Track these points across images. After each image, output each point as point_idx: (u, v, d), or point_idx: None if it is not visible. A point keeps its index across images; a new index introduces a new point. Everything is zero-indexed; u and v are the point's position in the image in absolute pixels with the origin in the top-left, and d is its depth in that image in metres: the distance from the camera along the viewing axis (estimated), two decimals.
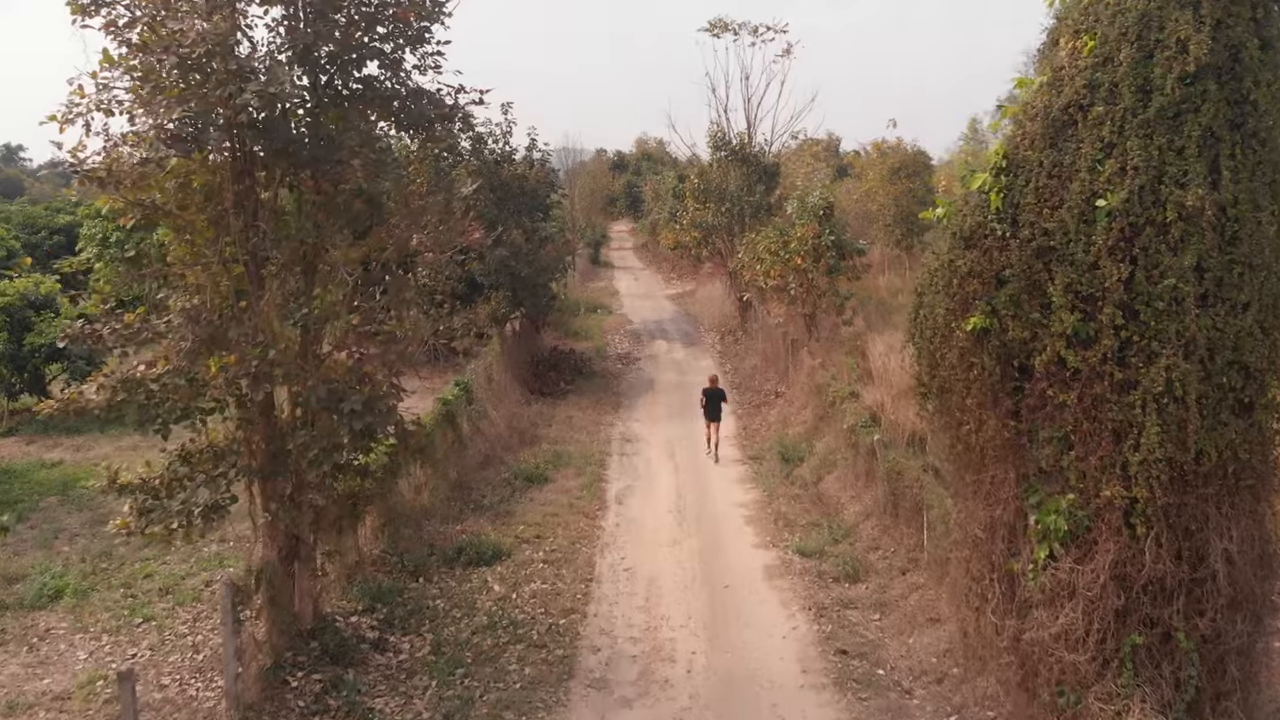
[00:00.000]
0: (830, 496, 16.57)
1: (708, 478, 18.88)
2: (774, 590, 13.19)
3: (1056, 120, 7.64)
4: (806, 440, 19.65)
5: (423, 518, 15.41)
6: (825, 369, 21.41)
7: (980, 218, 7.78)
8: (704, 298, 44.09)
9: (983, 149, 67.82)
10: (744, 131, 35.49)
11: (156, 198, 10.09)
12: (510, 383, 24.75)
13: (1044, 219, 7.54)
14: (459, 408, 19.05)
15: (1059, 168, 7.57)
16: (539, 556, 14.38)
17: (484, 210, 26.10)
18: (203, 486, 10.19)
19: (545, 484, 18.16)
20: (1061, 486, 7.73)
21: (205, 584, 13.16)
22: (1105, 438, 7.48)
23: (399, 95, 10.70)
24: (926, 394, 8.50)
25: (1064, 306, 7.45)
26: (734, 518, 16.34)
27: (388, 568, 13.57)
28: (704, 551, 14.76)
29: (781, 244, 23.88)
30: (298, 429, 10.28)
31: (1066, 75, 7.68)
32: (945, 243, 7.98)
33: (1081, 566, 7.61)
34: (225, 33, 9.31)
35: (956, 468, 8.55)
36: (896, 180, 51.98)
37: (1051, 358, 7.57)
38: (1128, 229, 7.31)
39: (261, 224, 10.19)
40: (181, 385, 9.94)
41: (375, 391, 10.33)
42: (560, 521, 15.91)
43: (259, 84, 8.97)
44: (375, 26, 10.56)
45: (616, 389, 27.91)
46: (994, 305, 7.70)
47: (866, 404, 17.69)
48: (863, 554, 14.05)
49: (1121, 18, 7.47)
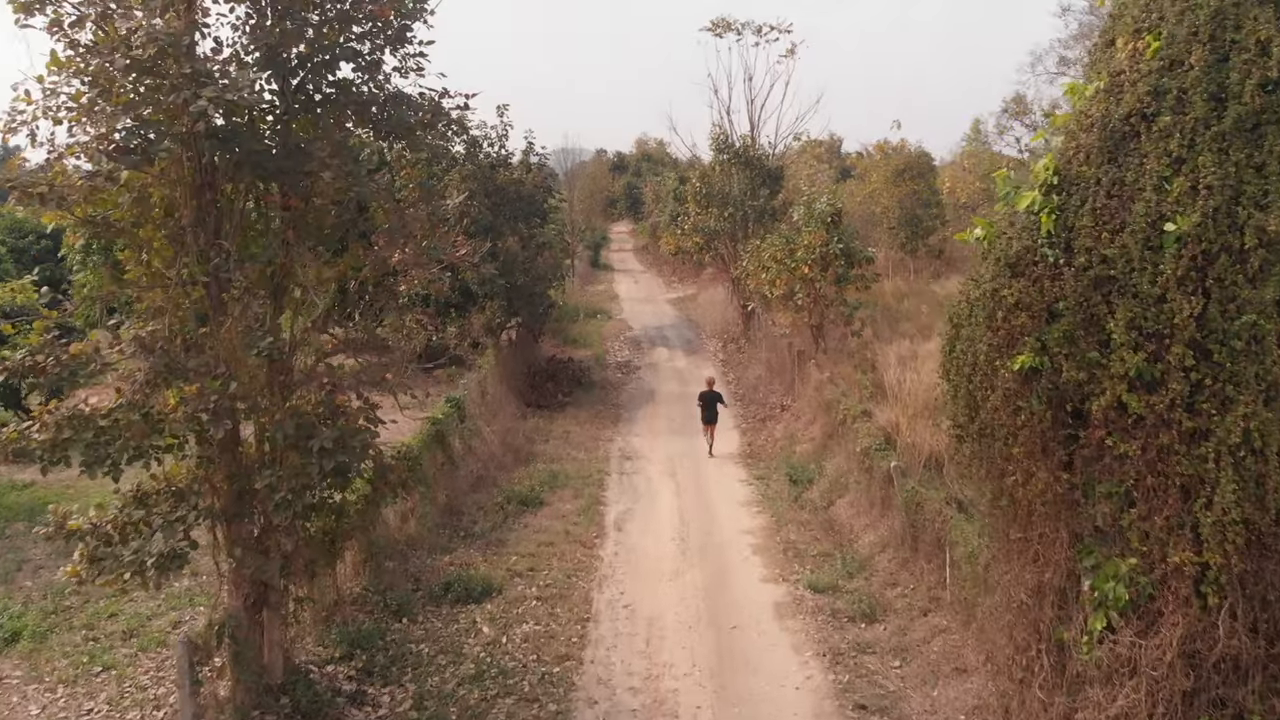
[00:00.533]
0: (842, 523, 15.64)
1: (712, 500, 17.95)
2: (785, 632, 12.25)
3: (1116, 131, 6.70)
4: (815, 460, 18.71)
5: (409, 549, 14.47)
6: (834, 383, 20.47)
7: (1029, 242, 6.84)
8: (706, 302, 43.17)
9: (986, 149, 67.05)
10: (747, 134, 34.58)
11: (109, 214, 9.17)
12: (505, 395, 23.83)
13: (1103, 244, 6.60)
14: (450, 426, 18.12)
15: (1120, 186, 6.63)
16: (532, 593, 13.43)
17: (478, 216, 25.15)
18: (159, 531, 9.24)
19: (540, 508, 17.22)
20: (1121, 549, 6.80)
21: (173, 625, 12.23)
22: (1172, 494, 6.54)
23: (377, 100, 9.76)
24: (963, 438, 7.55)
25: (1126, 344, 6.51)
26: (740, 546, 15.40)
27: (369, 607, 12.63)
28: (709, 585, 13.82)
29: (787, 252, 22.93)
30: (264, 468, 9.34)
31: (1127, 80, 6.74)
32: (987, 269, 7.04)
33: (1145, 641, 6.68)
34: (179, 32, 8.37)
35: (999, 523, 7.61)
36: (901, 182, 51.14)
37: (1111, 403, 6.63)
38: (1200, 257, 6.38)
39: (225, 242, 9.25)
40: (135, 421, 8.99)
41: (349, 425, 9.39)
42: (555, 551, 14.97)
43: (216, 89, 8.02)
44: (351, 25, 9.62)
45: (616, 400, 26.99)
46: (1045, 342, 6.76)
47: (880, 423, 16.74)
48: (879, 591, 13.11)
49: (1191, 15, 6.54)
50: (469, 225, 24.82)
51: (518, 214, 26.80)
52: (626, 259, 71.06)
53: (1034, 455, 6.90)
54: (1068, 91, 7.15)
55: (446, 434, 17.72)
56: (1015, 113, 59.32)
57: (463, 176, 25.44)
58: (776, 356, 26.87)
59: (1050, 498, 6.92)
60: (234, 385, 8.83)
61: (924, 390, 16.88)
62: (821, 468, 18.06)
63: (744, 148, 32.53)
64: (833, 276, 22.54)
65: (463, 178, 25.40)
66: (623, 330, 38.90)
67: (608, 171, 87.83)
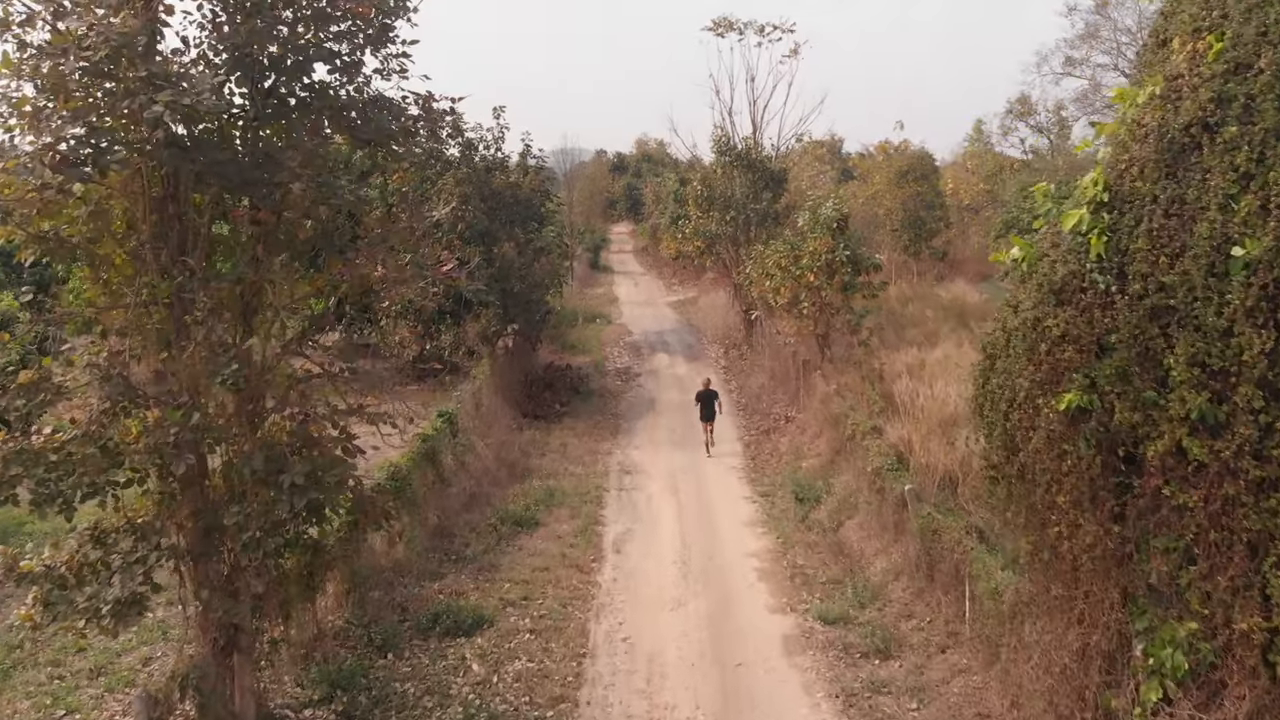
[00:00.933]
0: (852, 547, 14.90)
1: (715, 518, 17.20)
2: (794, 669, 11.51)
3: (1175, 143, 5.96)
4: (822, 477, 17.97)
5: (396, 576, 13.73)
6: (841, 396, 19.72)
7: (1076, 266, 6.11)
8: (707, 306, 42.42)
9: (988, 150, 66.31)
10: (749, 136, 33.81)
11: (63, 229, 8.43)
12: (501, 406, 23.08)
13: (1160, 270, 5.87)
14: (442, 442, 17.39)
15: (1180, 204, 5.89)
16: (525, 624, 12.69)
17: (473, 222, 24.43)
18: (118, 573, 8.50)
19: (535, 528, 16.48)
20: (1179, 611, 6.07)
21: (143, 662, 11.50)
22: (1238, 551, 5.82)
23: (355, 104, 9.02)
24: (997, 478, 6.81)
25: (1187, 383, 5.79)
26: (745, 571, 14.66)
27: (352, 641, 11.90)
28: (713, 615, 13.08)
29: (792, 259, 22.18)
30: (231, 503, 8.60)
31: (1186, 86, 6.00)
32: (1027, 295, 6.30)
33: (1206, 714, 5.94)
34: (134, 31, 7.63)
35: (1038, 576, 6.87)
36: (904, 183, 50.41)
37: (1169, 448, 5.90)
38: (1271, 285, 5.65)
39: (189, 259, 8.52)
40: (91, 454, 8.26)
41: (324, 457, 8.65)
42: (551, 577, 14.22)
43: (173, 93, 7.29)
44: (327, 24, 8.88)
45: (615, 410, 26.23)
46: (1094, 379, 6.03)
47: (891, 440, 15.99)
48: (893, 623, 12.37)
49: (1260, 13, 5.81)
50: (464, 231, 24.12)
51: (514, 218, 26.06)
52: (626, 260, 70.30)
53: (1081, 505, 6.17)
54: (1116, 97, 6.41)
55: (438, 451, 16.99)
56: (1020, 113, 58.75)
57: (457, 180, 24.69)
58: (780, 365, 26.13)
59: (1099, 552, 6.18)
60: (197, 416, 8.10)
61: (937, 406, 16.13)
62: (829, 485, 17.32)
63: (746, 150, 31.77)
64: (839, 284, 21.79)
65: (457, 181, 24.67)
66: (622, 335, 38.15)
67: (608, 172, 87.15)
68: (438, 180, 24.81)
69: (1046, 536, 6.40)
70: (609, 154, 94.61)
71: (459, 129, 25.33)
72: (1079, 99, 45.14)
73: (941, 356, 25.95)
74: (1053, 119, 56.28)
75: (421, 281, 9.79)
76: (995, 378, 6.61)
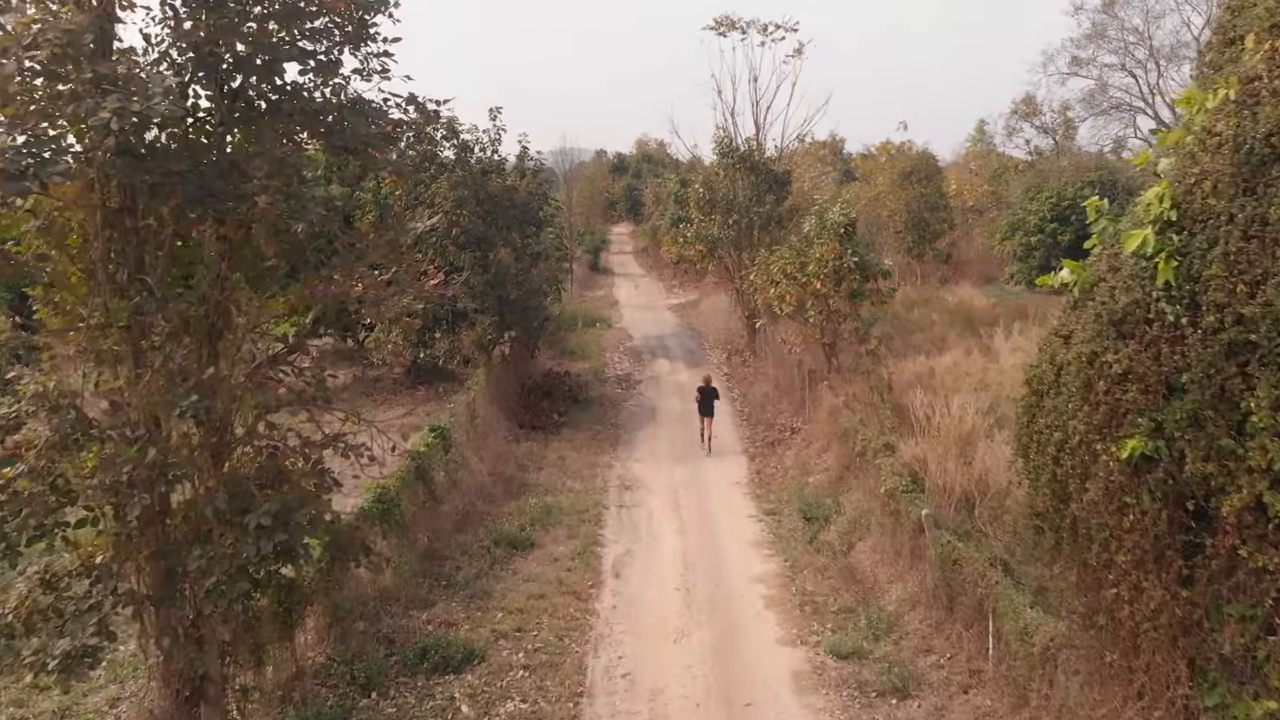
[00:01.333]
0: (864, 572, 14.15)
1: (719, 539, 16.45)
2: (806, 710, 10.77)
3: (1254, 155, 5.22)
4: (831, 494, 17.22)
5: (382, 605, 12.96)
6: (850, 409, 18.96)
7: (1140, 294, 5.36)
8: (708, 310, 41.69)
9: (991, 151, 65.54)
10: (752, 137, 33.04)
11: (8, 245, 7.71)
12: (497, 417, 22.33)
13: (1239, 300, 5.13)
14: (434, 459, 16.64)
15: (1261, 224, 5.15)
16: (519, 659, 11.94)
17: (469, 227, 23.68)
18: (70, 621, 7.77)
19: (531, 550, 15.72)
20: (1255, 687, 5.33)
21: (110, 703, 10.75)
22: None
23: (330, 108, 8.28)
24: (1042, 529, 6.06)
25: (1269, 429, 5.05)
26: (751, 597, 13.90)
27: (334, 680, 11.13)
28: (718, 648, 12.33)
29: (799, 265, 21.42)
30: (194, 544, 7.86)
31: (1265, 90, 5.26)
32: (1083, 326, 5.55)
33: None
34: (83, 27, 6.89)
35: (1092, 642, 6.12)
36: (908, 185, 49.67)
37: (1247, 502, 5.16)
38: None
39: (148, 278, 7.78)
40: (39, 493, 7.53)
41: (295, 494, 7.91)
42: (546, 606, 13.46)
43: (119, 98, 6.54)
44: (299, 20, 8.15)
45: (615, 420, 25.47)
46: (1161, 423, 5.29)
47: (904, 459, 15.24)
48: (911, 658, 11.62)
49: None
50: (458, 237, 23.39)
51: (511, 223, 25.28)
52: (626, 262, 69.57)
53: (1144, 565, 5.43)
54: (1181, 101, 5.67)
55: (429, 468, 16.24)
56: (1025, 114, 57.99)
57: (452, 184, 23.94)
58: (784, 374, 25.38)
59: (1164, 620, 5.44)
60: (153, 451, 7.36)
61: (954, 423, 15.37)
62: (839, 504, 16.57)
63: (749, 151, 31.00)
64: (846, 291, 21.04)
65: (452, 185, 23.91)
66: (622, 340, 37.41)
67: (608, 173, 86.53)
68: (432, 184, 24.06)
69: (1102, 599, 5.66)
70: (609, 154, 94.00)
71: (454, 131, 24.61)
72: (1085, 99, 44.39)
73: (951, 364, 25.19)
74: (1058, 119, 55.51)
75: (404, 299, 9.04)
76: (1043, 417, 5.87)
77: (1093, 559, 5.64)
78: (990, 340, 27.03)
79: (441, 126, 24.15)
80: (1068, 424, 5.64)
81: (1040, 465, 5.91)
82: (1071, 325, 5.78)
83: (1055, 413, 5.76)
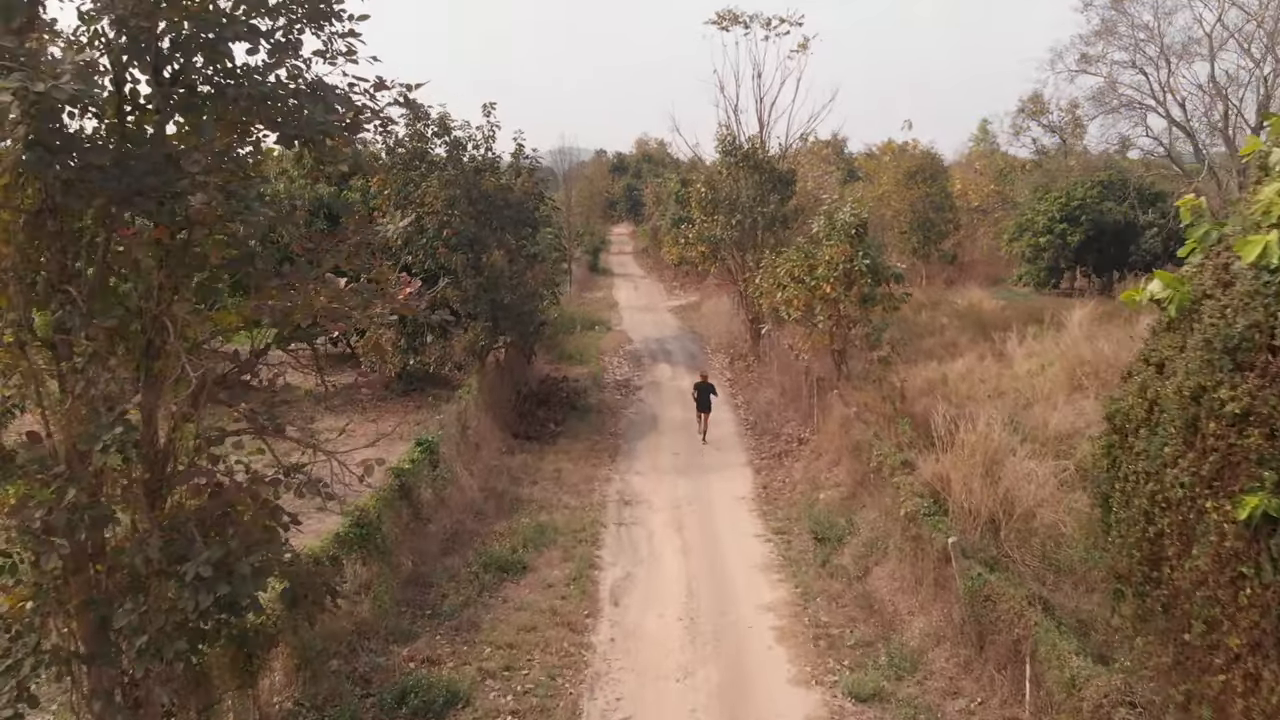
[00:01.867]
0: (882, 601, 13.10)
1: (725, 561, 15.40)
2: None
3: None
4: (844, 513, 16.18)
5: (360, 639, 11.91)
6: (863, 421, 17.90)
7: (1261, 315, 4.30)
8: (710, 312, 40.66)
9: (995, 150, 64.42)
10: (755, 135, 32.00)
11: None
12: (490, 428, 21.27)
13: None
14: (419, 475, 15.60)
15: None
16: (507, 703, 10.89)
17: (460, 227, 22.62)
18: None
19: (522, 575, 14.67)
20: None
21: None
22: None
23: (284, 92, 7.22)
24: (1123, 595, 5.00)
25: None
26: (761, 629, 12.85)
27: None
28: (724, 689, 11.29)
29: (807, 269, 20.36)
30: (124, 597, 6.82)
31: None
32: (1187, 353, 4.49)
33: None
34: None
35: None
36: (913, 184, 48.68)
37: None
38: None
39: (71, 289, 6.73)
40: None
41: (241, 537, 6.85)
42: (538, 640, 12.41)
43: (20, 78, 5.50)
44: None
45: (614, 429, 24.42)
46: None
47: (924, 477, 14.19)
48: (938, 701, 10.59)
49: None
50: (449, 238, 22.33)
51: (505, 223, 24.21)
52: (626, 263, 68.61)
53: (1263, 650, 4.37)
54: None
55: (414, 486, 15.20)
56: (1033, 112, 56.81)
57: (443, 183, 22.87)
58: (791, 380, 24.33)
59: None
60: (73, 492, 6.31)
61: (980, 440, 14.30)
62: (852, 524, 15.53)
63: (752, 150, 29.94)
64: (857, 295, 19.98)
65: (443, 184, 22.85)
66: (622, 343, 36.39)
67: (607, 173, 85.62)
68: (422, 183, 23.01)
69: (1207, 687, 4.60)
70: (609, 154, 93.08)
71: (446, 127, 23.55)
72: (1094, 97, 43.22)
73: (964, 370, 24.18)
74: (1066, 118, 54.37)
75: (374, 310, 7.97)
76: (1130, 462, 4.82)
77: (1195, 639, 4.60)
78: (1003, 345, 26.03)
79: (433, 123, 23.13)
80: (1165, 472, 4.59)
81: (1127, 520, 4.86)
82: (1166, 350, 4.73)
83: (1148, 458, 4.71)
